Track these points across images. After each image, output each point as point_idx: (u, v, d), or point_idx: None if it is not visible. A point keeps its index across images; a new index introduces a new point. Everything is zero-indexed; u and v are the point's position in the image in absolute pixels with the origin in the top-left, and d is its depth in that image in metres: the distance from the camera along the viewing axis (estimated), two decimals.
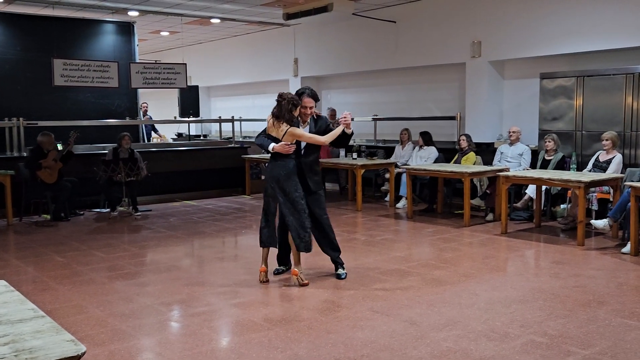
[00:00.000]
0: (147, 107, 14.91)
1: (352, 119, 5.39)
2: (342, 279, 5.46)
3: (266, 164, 5.40)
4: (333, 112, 11.53)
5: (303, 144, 5.35)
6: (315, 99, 5.32)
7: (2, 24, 10.99)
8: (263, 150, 5.55)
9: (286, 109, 5.12)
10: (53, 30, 11.36)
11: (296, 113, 5.19)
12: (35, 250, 6.87)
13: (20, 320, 2.13)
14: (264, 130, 5.38)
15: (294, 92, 5.36)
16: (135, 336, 4.19)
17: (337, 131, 5.26)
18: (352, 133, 5.42)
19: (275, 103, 5.26)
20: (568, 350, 3.79)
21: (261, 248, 5.44)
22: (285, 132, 5.14)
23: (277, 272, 5.67)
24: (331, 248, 5.57)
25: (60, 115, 10.91)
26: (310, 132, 5.35)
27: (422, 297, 4.94)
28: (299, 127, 5.27)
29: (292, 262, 5.46)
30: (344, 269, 5.57)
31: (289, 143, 5.15)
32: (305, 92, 5.31)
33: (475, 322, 4.34)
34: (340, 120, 5.30)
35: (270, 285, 5.38)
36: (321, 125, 5.43)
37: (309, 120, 5.39)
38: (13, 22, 11.07)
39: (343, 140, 5.42)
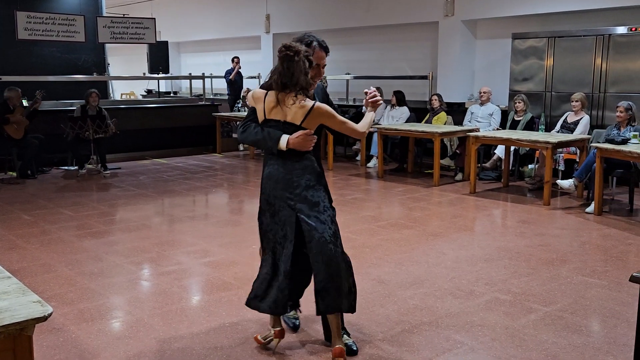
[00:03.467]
0: (238, 61, 13.49)
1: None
2: (355, 351, 3.27)
3: (267, 169, 3.20)
4: None
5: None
6: (328, 52, 3.36)
7: None
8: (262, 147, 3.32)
9: (301, 70, 3.00)
10: None
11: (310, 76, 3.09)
12: (1, 208, 6.77)
13: None
14: (250, 117, 3.25)
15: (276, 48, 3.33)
16: (105, 295, 4.19)
17: (371, 117, 3.31)
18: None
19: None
20: (530, 307, 3.91)
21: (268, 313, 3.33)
22: (310, 110, 3.04)
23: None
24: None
25: (25, 70, 10.63)
26: None
27: (390, 256, 5.02)
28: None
29: (330, 329, 3.29)
30: (349, 335, 3.37)
31: (312, 132, 3.11)
32: (313, 41, 3.27)
33: (441, 280, 4.43)
34: (369, 99, 3.34)
35: (240, 245, 5.39)
36: (323, 100, 3.32)
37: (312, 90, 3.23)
38: None
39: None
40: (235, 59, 13.46)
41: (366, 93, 3.36)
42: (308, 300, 3.40)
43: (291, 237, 3.12)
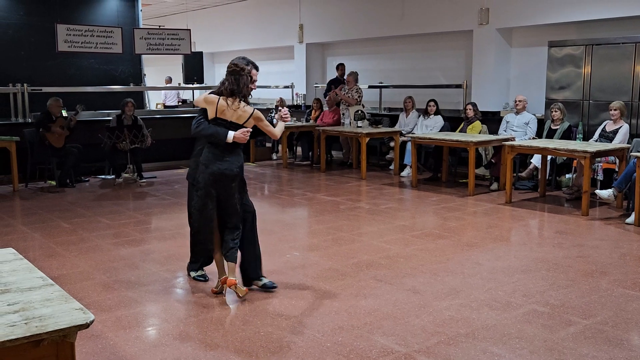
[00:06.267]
0: (344, 69, 11.92)
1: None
2: (274, 287, 4.46)
3: (205, 155, 4.23)
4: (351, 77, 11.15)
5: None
6: (258, 69, 4.40)
7: None
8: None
9: (244, 83, 4.10)
10: None
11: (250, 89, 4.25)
12: (41, 217, 6.92)
13: (30, 289, 2.16)
14: (203, 115, 4.21)
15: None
16: (141, 302, 4.24)
17: (282, 127, 4.41)
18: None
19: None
20: (569, 320, 3.83)
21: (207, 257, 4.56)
22: (251, 115, 4.14)
23: (202, 279, 4.67)
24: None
25: (64, 81, 10.88)
26: None
27: (425, 266, 4.98)
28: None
29: (226, 271, 4.33)
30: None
31: (250, 129, 4.19)
32: (249, 63, 4.26)
33: (477, 291, 4.37)
34: (282, 116, 4.37)
35: (273, 253, 5.41)
36: None
37: None
38: None
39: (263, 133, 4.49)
40: (340, 67, 11.93)
41: (280, 110, 4.41)
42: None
43: (213, 207, 4.18)
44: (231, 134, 4.09)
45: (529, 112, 8.90)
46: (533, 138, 8.50)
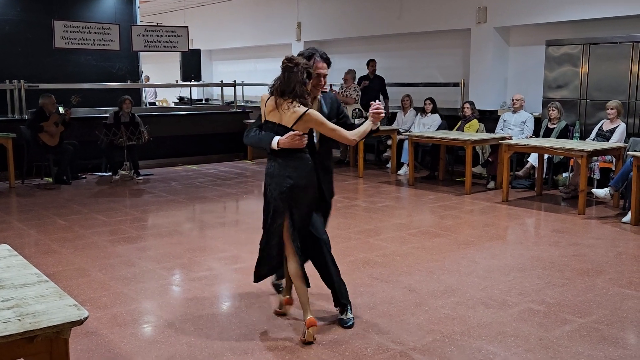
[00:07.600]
0: (374, 65, 11.33)
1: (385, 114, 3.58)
2: (348, 326, 3.70)
3: (269, 165, 3.62)
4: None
5: (316, 134, 3.66)
6: (329, 64, 3.73)
7: None
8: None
9: (298, 81, 3.43)
10: None
11: (309, 87, 3.53)
12: (37, 213, 6.91)
13: (24, 285, 2.15)
14: (257, 122, 3.72)
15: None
16: (137, 300, 4.24)
17: (366, 128, 3.62)
18: (378, 128, 3.70)
19: (279, 72, 3.53)
20: (565, 319, 3.83)
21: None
22: (302, 116, 3.42)
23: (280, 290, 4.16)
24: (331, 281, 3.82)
25: (61, 78, 10.85)
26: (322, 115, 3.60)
27: (421, 264, 4.98)
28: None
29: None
30: (350, 312, 3.79)
31: (301, 133, 3.46)
32: (314, 54, 3.66)
33: (473, 289, 4.38)
34: (371, 112, 3.62)
35: None
36: (332, 107, 3.79)
37: (319, 98, 3.73)
38: None
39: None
40: (370, 63, 11.31)
41: (371, 104, 3.66)
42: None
43: (281, 223, 3.61)
44: (275, 140, 3.45)
45: (526, 110, 8.91)
46: (530, 137, 8.51)
